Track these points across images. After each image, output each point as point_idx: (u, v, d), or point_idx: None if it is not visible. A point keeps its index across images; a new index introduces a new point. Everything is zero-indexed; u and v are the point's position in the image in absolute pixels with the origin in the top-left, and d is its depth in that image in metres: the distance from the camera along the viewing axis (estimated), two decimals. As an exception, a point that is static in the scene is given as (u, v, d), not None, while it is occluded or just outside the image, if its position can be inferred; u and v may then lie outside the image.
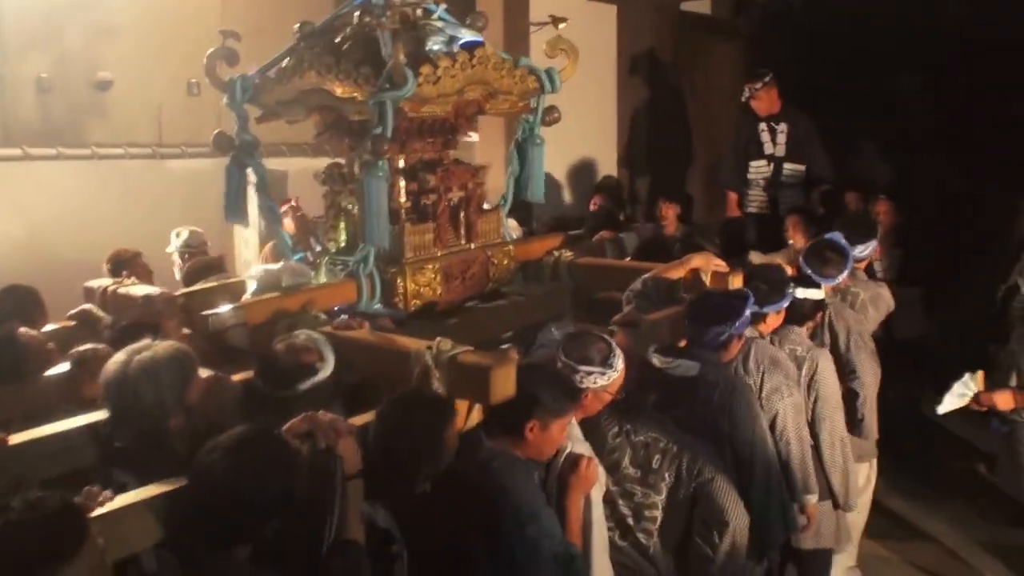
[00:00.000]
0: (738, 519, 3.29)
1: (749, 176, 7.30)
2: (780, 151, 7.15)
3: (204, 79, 4.41)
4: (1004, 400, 4.34)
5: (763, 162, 7.22)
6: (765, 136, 7.20)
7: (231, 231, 6.06)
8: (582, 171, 7.98)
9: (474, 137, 4.16)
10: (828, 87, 8.19)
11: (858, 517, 4.69)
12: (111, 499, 2.38)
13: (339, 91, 3.62)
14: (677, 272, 4.08)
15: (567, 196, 7.87)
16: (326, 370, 3.04)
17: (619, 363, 3.23)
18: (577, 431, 3.27)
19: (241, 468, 2.41)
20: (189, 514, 2.43)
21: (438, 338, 3.12)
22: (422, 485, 2.82)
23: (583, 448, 3.22)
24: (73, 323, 3.98)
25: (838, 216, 5.70)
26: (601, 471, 3.27)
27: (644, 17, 7.94)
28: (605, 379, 3.21)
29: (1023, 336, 4.77)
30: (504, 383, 2.98)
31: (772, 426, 3.90)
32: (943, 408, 4.46)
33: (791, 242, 5.51)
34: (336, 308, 3.67)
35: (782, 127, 7.13)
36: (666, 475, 3.31)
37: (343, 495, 2.57)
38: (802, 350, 4.14)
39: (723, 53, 9.39)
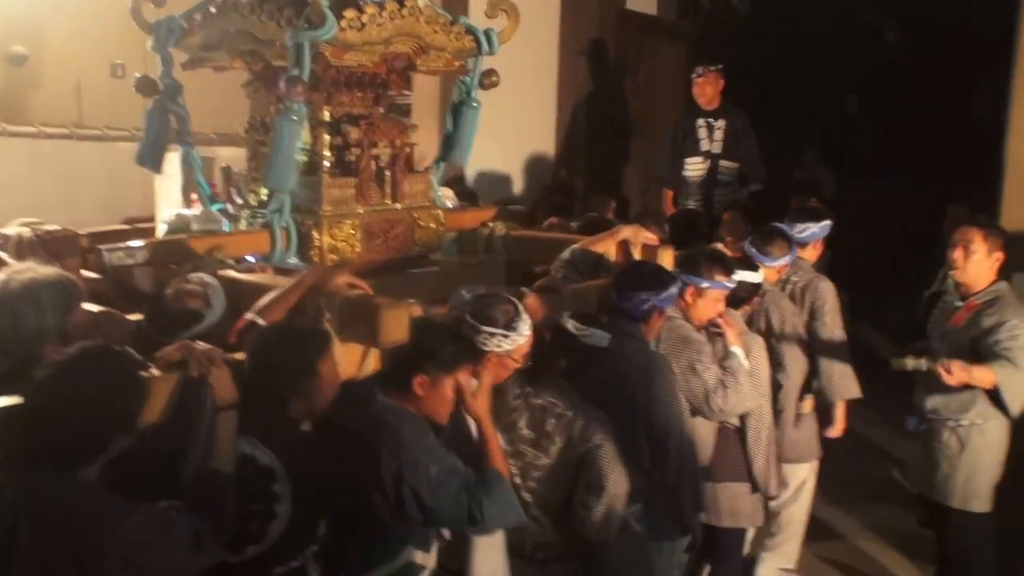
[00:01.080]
0: (616, 487, 3.28)
1: (685, 173, 7.27)
2: (717, 148, 7.15)
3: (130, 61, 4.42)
4: (984, 377, 4.10)
5: (699, 159, 7.19)
6: (703, 132, 7.18)
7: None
8: (518, 160, 7.96)
9: (408, 98, 4.16)
10: (767, 96, 8.45)
11: (798, 517, 4.71)
12: None
13: (262, 33, 3.63)
14: (606, 244, 4.09)
15: (505, 185, 7.84)
16: (212, 317, 3.02)
17: (524, 328, 3.21)
18: None
19: (75, 383, 2.38)
20: (26, 432, 2.40)
21: (335, 281, 3.15)
22: (301, 422, 2.81)
23: None
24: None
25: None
26: None
27: (588, 10, 7.90)
28: (509, 343, 3.18)
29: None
30: (395, 326, 2.98)
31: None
32: (899, 365, 4.23)
33: (727, 239, 5.47)
34: (247, 258, 3.69)
35: (720, 123, 7.15)
36: (557, 439, 3.30)
37: (212, 424, 2.57)
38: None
39: (666, 54, 9.40)
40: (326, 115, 3.87)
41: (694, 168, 7.19)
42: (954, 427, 4.32)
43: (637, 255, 4.11)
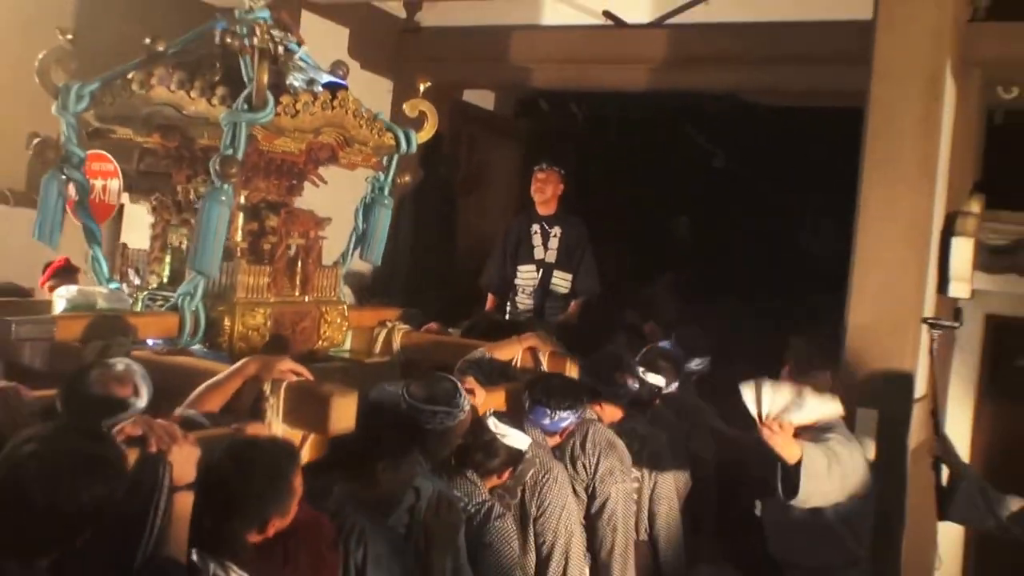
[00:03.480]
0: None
1: (516, 281, 7.17)
2: (551, 257, 7.09)
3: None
4: (792, 450, 3.92)
5: (532, 267, 7.12)
6: (537, 239, 7.15)
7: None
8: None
9: (320, 185, 4.27)
10: (601, 205, 8.59)
11: None
12: None
13: (191, 108, 3.66)
14: (513, 349, 4.32)
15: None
16: (139, 405, 2.95)
17: (465, 404, 3.42)
18: None
19: (56, 469, 2.29)
20: None
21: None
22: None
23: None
24: None
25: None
26: None
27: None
28: (451, 419, 3.36)
29: None
30: (344, 414, 3.10)
31: (602, 509, 4.09)
32: (751, 396, 4.00)
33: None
34: (151, 342, 3.67)
35: (556, 231, 7.12)
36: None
37: (168, 507, 2.53)
38: (643, 430, 4.44)
39: (501, 153, 9.49)
40: (242, 199, 3.91)
41: (526, 276, 7.13)
42: None
43: (545, 363, 4.34)
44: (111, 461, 2.40)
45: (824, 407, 4.07)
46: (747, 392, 3.94)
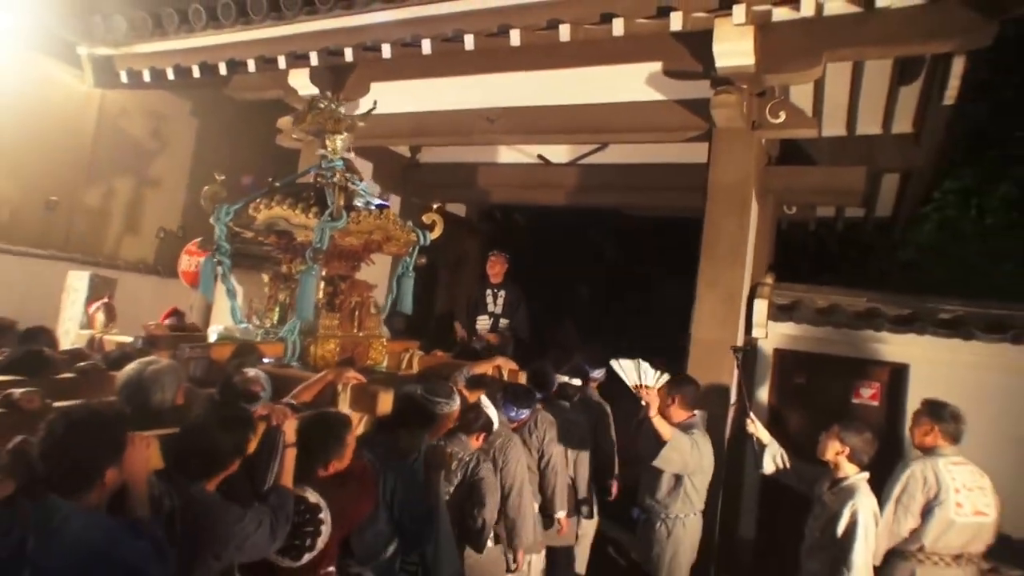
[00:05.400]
0: (491, 510, 3.67)
1: (476, 325, 7.36)
2: (499, 310, 7.28)
3: (63, 198, 4.19)
4: (664, 429, 4.00)
5: (486, 317, 7.33)
6: (490, 299, 7.34)
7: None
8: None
9: (371, 264, 4.46)
10: (533, 279, 8.48)
11: None
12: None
13: (296, 220, 3.82)
14: (486, 367, 4.47)
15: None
16: (264, 398, 3.14)
17: (456, 400, 3.57)
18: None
19: (212, 423, 2.56)
20: (177, 452, 2.53)
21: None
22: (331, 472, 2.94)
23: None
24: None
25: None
26: None
27: (414, 209, 7.44)
28: (447, 407, 3.51)
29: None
30: (385, 403, 3.25)
31: (547, 464, 4.28)
32: (623, 370, 4.12)
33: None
34: (267, 360, 3.76)
35: (501, 293, 7.32)
36: (458, 474, 3.64)
37: (282, 457, 2.73)
38: (570, 415, 4.66)
39: (468, 244, 9.51)
40: (324, 273, 4.03)
41: (482, 323, 7.35)
42: (664, 519, 4.25)
43: (507, 376, 4.48)
44: (247, 423, 2.66)
45: (657, 377, 4.14)
46: (628, 368, 4.10)
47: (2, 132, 7.36)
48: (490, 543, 3.80)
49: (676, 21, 4.41)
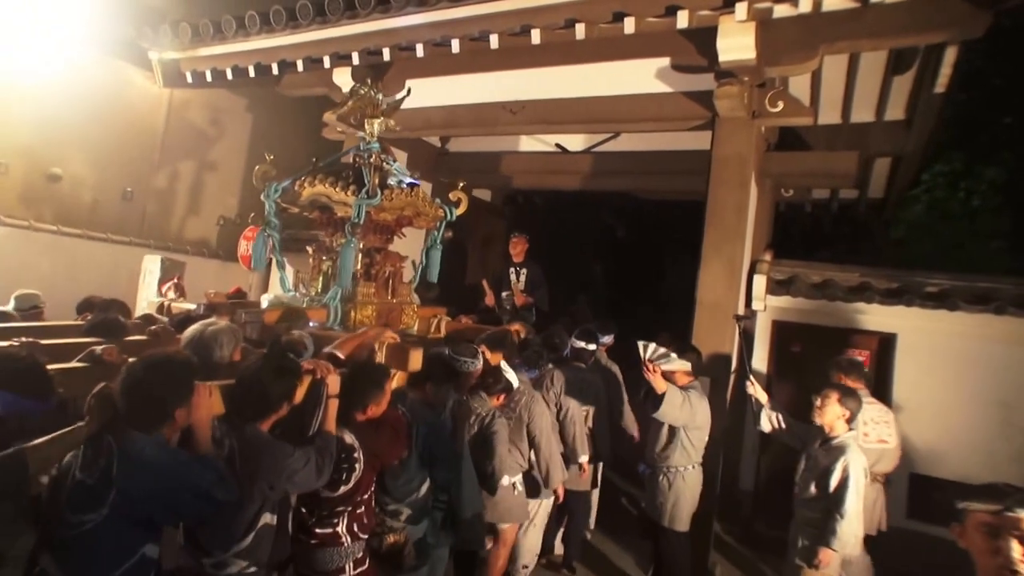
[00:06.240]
0: (502, 461, 3.68)
1: (501, 300, 7.28)
2: (521, 286, 7.19)
3: (138, 188, 4.13)
4: (660, 383, 4.02)
5: (510, 292, 7.25)
6: (513, 276, 7.26)
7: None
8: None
9: (403, 238, 4.47)
10: (551, 257, 8.39)
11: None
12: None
13: (336, 196, 3.78)
14: (507, 329, 4.49)
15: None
16: (308, 354, 3.16)
17: (479, 359, 3.60)
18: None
19: (264, 372, 2.59)
20: (234, 398, 2.58)
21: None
22: (367, 416, 3.00)
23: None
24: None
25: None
26: None
27: (444, 192, 7.40)
28: (470, 366, 3.54)
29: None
30: (416, 361, 3.28)
31: (565, 415, 4.28)
32: (641, 348, 4.10)
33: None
34: (312, 323, 3.78)
35: (523, 271, 7.21)
36: (475, 426, 3.64)
37: (326, 406, 2.77)
38: (585, 375, 4.65)
39: (495, 226, 9.44)
40: (361, 246, 4.00)
41: (507, 298, 7.29)
42: (665, 471, 4.27)
43: (516, 338, 4.45)
44: (295, 371, 2.69)
45: (678, 363, 4.20)
46: (641, 346, 4.12)
47: (87, 130, 7.55)
48: (520, 487, 3.86)
49: (683, 19, 4.37)
